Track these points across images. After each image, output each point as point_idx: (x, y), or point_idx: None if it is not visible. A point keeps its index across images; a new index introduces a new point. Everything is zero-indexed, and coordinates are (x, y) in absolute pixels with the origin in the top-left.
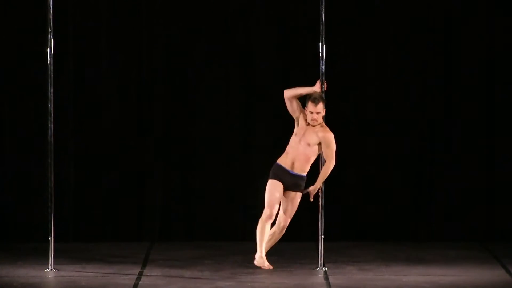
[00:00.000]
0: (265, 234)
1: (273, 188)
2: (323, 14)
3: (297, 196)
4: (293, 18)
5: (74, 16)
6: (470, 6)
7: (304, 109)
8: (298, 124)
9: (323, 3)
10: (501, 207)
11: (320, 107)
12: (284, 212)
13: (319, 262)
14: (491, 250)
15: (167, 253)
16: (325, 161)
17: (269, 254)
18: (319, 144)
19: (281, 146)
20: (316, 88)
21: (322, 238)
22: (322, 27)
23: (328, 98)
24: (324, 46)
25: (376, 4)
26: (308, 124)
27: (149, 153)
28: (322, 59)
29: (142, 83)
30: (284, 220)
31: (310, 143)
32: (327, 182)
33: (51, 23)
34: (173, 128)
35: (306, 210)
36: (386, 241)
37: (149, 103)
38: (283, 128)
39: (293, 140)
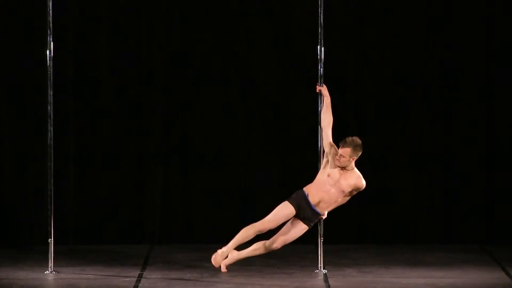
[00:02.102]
0: (243, 240)
1: (282, 211)
2: (321, 17)
3: (304, 228)
4: (292, 21)
5: (74, 18)
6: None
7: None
8: (328, 160)
9: (322, 5)
10: (501, 210)
11: (346, 151)
12: (283, 236)
13: (319, 265)
14: (491, 252)
15: (167, 256)
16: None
17: (270, 257)
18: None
19: (280, 149)
20: (323, 91)
21: (322, 240)
22: (320, 30)
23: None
24: (323, 49)
25: (375, 6)
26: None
27: (149, 155)
28: (320, 61)
29: (142, 83)
30: (278, 244)
31: (344, 191)
32: None
33: (51, 25)
34: (173, 128)
35: None
36: (385, 243)
37: (149, 104)
38: (282, 130)
39: (327, 181)
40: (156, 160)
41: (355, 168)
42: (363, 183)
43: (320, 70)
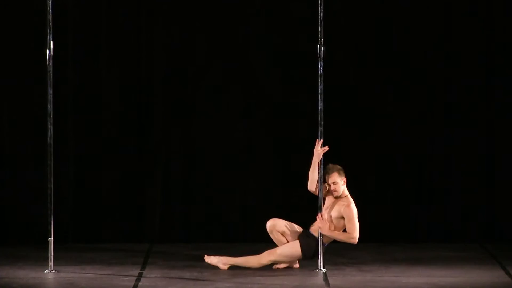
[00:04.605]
0: (251, 266)
1: (291, 252)
2: (321, 15)
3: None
4: (292, 19)
5: (74, 17)
6: (471, 6)
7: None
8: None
9: (322, 4)
10: (501, 208)
11: (334, 176)
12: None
13: (319, 264)
14: (491, 251)
15: (166, 255)
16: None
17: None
18: (343, 217)
19: (280, 148)
20: (316, 150)
21: (322, 239)
22: (320, 28)
23: (326, 99)
24: (323, 47)
25: (376, 4)
26: (335, 197)
27: (149, 154)
28: (320, 60)
29: (142, 83)
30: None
31: (332, 216)
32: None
33: (51, 24)
34: (173, 128)
35: (305, 212)
36: (385, 242)
37: (149, 103)
38: (283, 129)
39: (324, 210)
40: (156, 160)
41: (348, 195)
42: (350, 209)
43: (320, 69)
